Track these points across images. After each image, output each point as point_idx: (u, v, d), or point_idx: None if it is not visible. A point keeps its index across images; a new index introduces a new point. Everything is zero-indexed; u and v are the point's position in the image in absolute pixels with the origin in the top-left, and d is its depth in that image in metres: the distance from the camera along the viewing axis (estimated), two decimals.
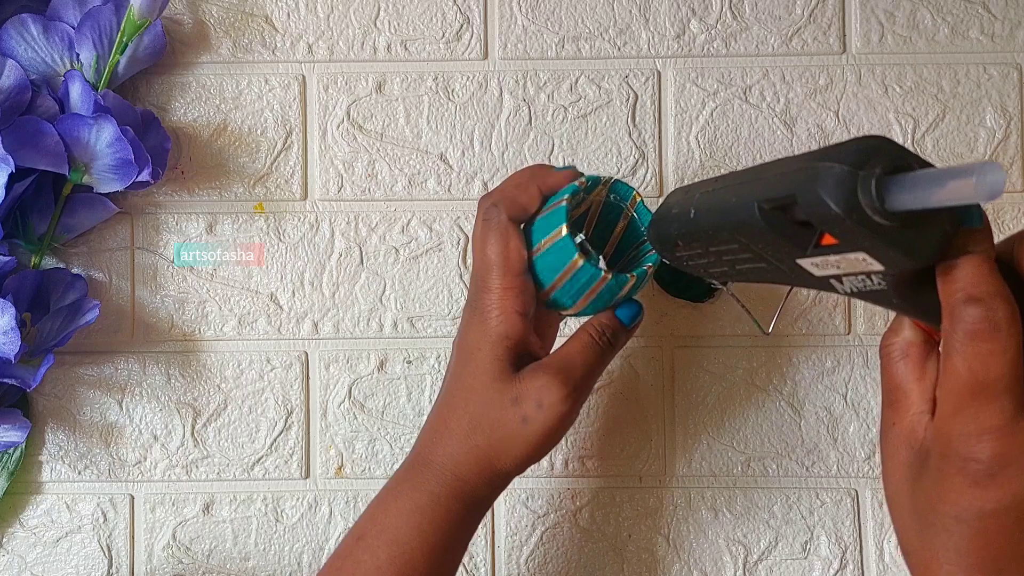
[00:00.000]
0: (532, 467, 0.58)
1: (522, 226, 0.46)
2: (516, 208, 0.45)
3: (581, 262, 0.43)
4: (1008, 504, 0.31)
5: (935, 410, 0.34)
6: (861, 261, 0.32)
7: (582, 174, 0.46)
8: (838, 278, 0.34)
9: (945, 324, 0.32)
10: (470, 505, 0.45)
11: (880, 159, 0.30)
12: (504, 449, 0.45)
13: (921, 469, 0.34)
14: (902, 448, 0.35)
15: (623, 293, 0.45)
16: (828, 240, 0.32)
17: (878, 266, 0.31)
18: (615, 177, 0.47)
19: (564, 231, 0.43)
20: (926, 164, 0.31)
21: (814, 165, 0.31)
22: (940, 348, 0.33)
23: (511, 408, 0.44)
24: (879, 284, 0.33)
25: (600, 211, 0.47)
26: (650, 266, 0.45)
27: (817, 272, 0.34)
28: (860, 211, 0.30)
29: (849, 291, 0.34)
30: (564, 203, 0.44)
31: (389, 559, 0.44)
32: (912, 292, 0.33)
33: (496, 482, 0.46)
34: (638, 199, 0.46)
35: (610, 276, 0.43)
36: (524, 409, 0.44)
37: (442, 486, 0.45)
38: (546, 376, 0.44)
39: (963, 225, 0.32)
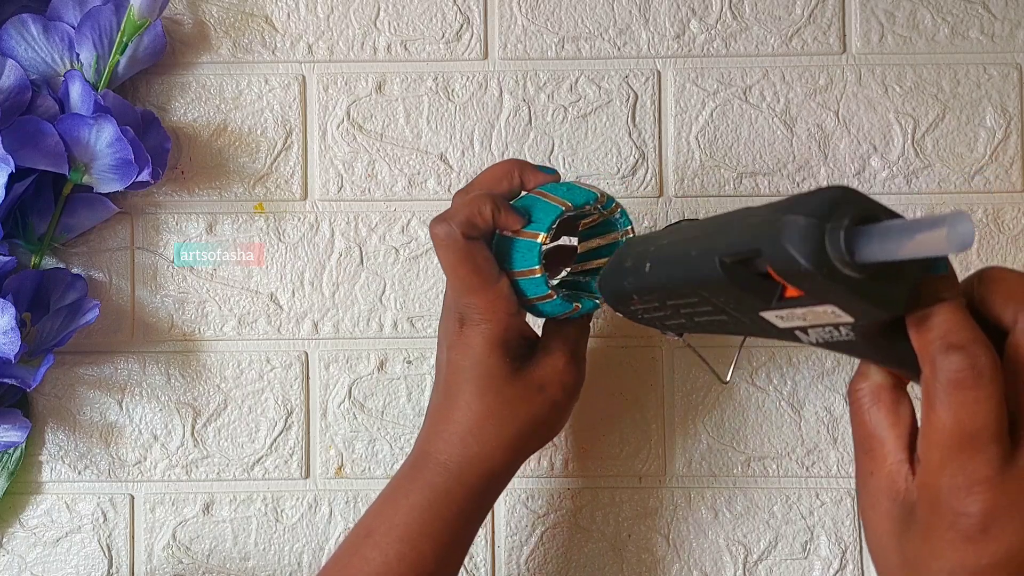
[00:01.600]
0: (532, 467, 0.58)
1: (498, 235, 0.46)
2: (470, 228, 0.44)
3: (555, 296, 0.45)
4: (1002, 558, 0.31)
5: (913, 459, 0.33)
6: (829, 313, 0.31)
7: (556, 174, 0.47)
8: (803, 329, 0.33)
9: (926, 374, 0.31)
10: (476, 496, 0.46)
11: (847, 210, 0.29)
12: (538, 435, 0.47)
13: (908, 522, 0.33)
14: (884, 499, 0.34)
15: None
16: (793, 292, 0.31)
17: (847, 318, 0.31)
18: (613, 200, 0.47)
19: (538, 272, 0.45)
20: (892, 214, 0.30)
21: (778, 218, 0.30)
22: (921, 397, 0.32)
23: (538, 396, 0.46)
24: (847, 335, 0.32)
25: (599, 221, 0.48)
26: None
27: (781, 324, 0.33)
28: (829, 264, 0.29)
29: (815, 342, 0.33)
30: (539, 239, 0.44)
31: (399, 556, 0.45)
32: (883, 342, 0.32)
33: (514, 469, 0.47)
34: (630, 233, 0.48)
35: (580, 306, 0.46)
36: (551, 394, 0.46)
37: (453, 481, 0.45)
38: (563, 358, 0.47)
39: (930, 272, 0.31)
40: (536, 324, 0.49)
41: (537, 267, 0.44)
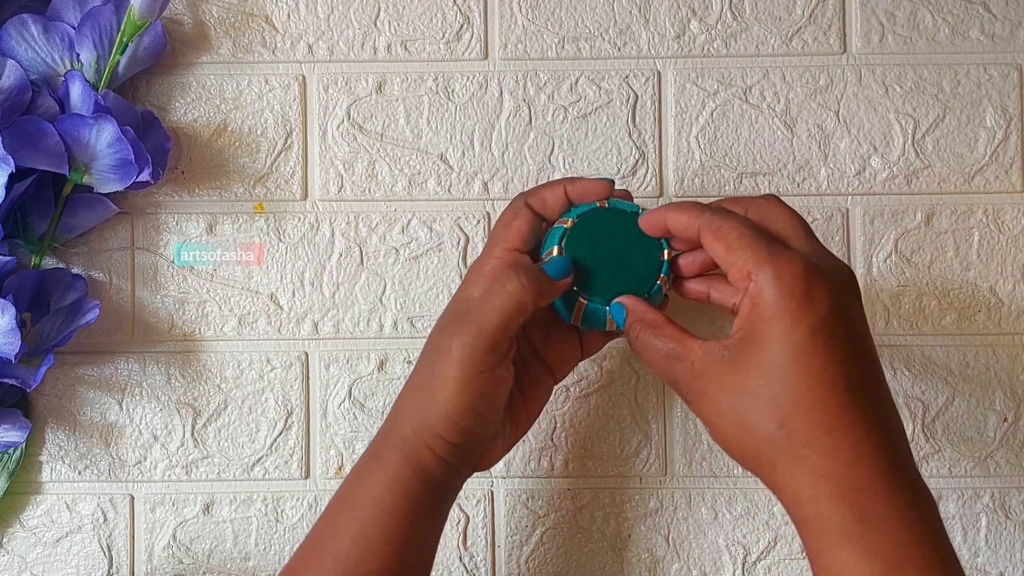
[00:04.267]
0: (532, 467, 0.58)
1: (545, 225, 0.49)
2: (538, 200, 0.48)
3: (585, 302, 0.47)
4: (827, 312, 0.38)
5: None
6: None
7: (613, 184, 0.48)
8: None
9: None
10: (426, 478, 0.44)
11: None
12: (427, 399, 0.44)
13: (741, 361, 0.39)
14: (714, 368, 0.40)
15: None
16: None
17: None
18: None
19: (555, 252, 0.47)
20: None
21: None
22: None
23: (428, 360, 0.45)
24: None
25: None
26: (663, 277, 0.48)
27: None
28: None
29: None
30: (567, 224, 0.47)
31: (351, 541, 0.44)
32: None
33: (434, 444, 0.44)
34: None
35: (586, 302, 0.47)
36: (435, 356, 0.44)
37: (393, 451, 0.45)
38: (457, 327, 0.44)
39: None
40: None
41: (555, 247, 0.47)
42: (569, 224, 0.47)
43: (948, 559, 0.37)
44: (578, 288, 0.47)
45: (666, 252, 0.48)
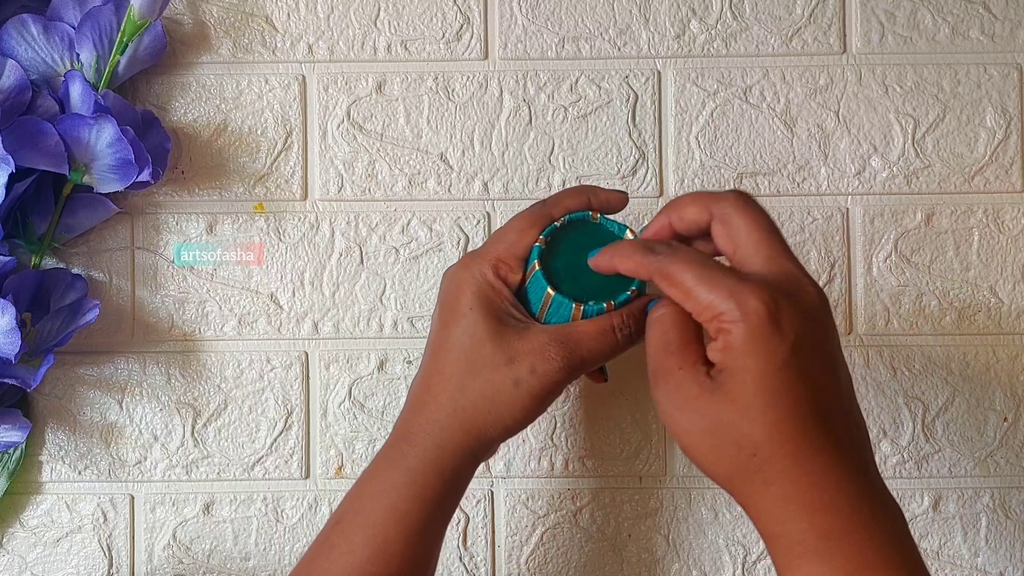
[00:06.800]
0: (532, 467, 0.58)
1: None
2: (561, 211, 0.47)
3: (553, 293, 0.45)
4: (793, 343, 0.39)
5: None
6: None
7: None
8: None
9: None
10: (448, 479, 0.45)
11: None
12: (491, 412, 0.44)
13: (718, 383, 0.40)
14: (696, 382, 0.40)
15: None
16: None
17: None
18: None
19: (536, 267, 0.45)
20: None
21: None
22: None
23: (504, 368, 0.44)
24: None
25: None
26: (633, 290, 0.45)
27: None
28: None
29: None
30: (539, 243, 0.45)
31: (363, 542, 0.44)
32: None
33: (478, 451, 0.45)
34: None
35: (582, 306, 0.45)
36: (517, 370, 0.44)
37: (420, 460, 0.44)
38: (547, 340, 0.44)
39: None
40: None
41: (536, 261, 0.45)
42: (542, 243, 0.46)
43: (912, 564, 0.39)
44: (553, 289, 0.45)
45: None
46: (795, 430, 0.39)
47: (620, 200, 0.48)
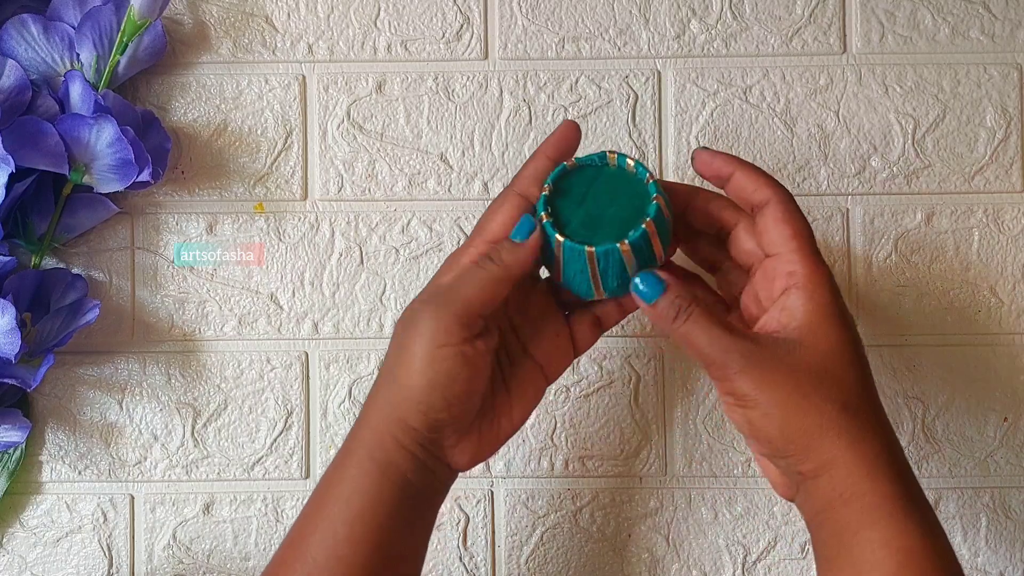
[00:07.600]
0: (532, 467, 0.58)
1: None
2: (522, 182, 0.45)
3: (562, 239, 0.43)
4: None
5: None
6: None
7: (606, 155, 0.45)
8: None
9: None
10: (387, 472, 0.43)
11: None
12: (394, 383, 0.43)
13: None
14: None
15: (632, 262, 0.43)
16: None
17: None
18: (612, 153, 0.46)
19: (544, 218, 0.44)
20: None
21: None
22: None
23: (400, 340, 0.43)
24: None
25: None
26: (648, 220, 0.43)
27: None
28: None
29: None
30: (546, 192, 0.44)
31: (320, 543, 0.43)
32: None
33: (398, 434, 0.43)
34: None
35: (594, 248, 0.42)
36: (401, 340, 0.43)
37: (361, 447, 0.43)
38: (424, 303, 0.43)
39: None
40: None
41: (543, 213, 0.44)
42: (547, 191, 0.44)
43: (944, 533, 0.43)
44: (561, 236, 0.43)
45: (655, 197, 0.44)
46: (871, 392, 0.42)
47: (567, 132, 0.46)
